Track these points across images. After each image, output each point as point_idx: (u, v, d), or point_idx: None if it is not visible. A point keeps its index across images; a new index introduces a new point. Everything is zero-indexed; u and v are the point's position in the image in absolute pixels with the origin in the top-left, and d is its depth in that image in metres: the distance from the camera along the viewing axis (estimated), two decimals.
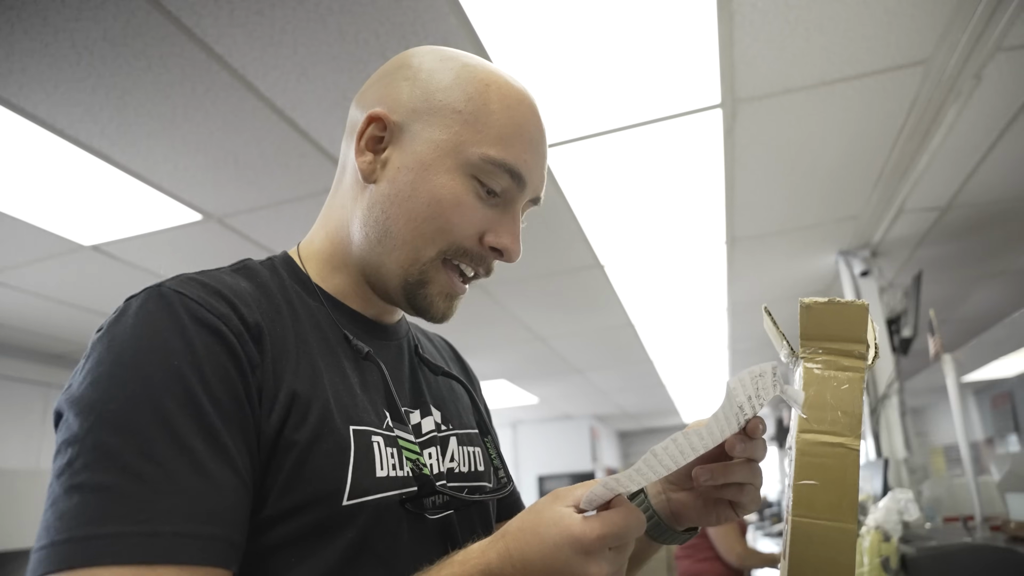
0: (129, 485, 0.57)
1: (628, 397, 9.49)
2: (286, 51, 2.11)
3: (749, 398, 0.68)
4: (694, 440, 0.65)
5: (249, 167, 2.76)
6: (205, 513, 0.59)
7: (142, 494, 0.57)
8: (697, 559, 3.59)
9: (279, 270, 0.83)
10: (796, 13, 2.09)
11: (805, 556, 0.61)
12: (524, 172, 0.79)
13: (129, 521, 0.56)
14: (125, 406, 0.60)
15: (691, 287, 4.75)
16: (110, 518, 0.56)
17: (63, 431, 0.61)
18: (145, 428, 0.59)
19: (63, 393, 0.64)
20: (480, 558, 0.63)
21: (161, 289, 0.67)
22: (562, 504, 0.63)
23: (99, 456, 0.58)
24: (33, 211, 2.94)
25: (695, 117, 2.61)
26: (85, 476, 0.57)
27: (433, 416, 0.89)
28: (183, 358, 0.63)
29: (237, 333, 0.67)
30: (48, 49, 2.01)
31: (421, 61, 0.81)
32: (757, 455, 0.76)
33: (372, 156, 0.80)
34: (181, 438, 0.60)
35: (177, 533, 0.57)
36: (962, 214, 3.71)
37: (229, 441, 0.63)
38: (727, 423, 0.68)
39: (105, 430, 0.59)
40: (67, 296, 3.97)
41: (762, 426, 0.73)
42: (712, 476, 0.77)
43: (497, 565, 0.62)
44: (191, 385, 0.62)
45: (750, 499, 0.79)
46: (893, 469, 3.63)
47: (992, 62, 2.34)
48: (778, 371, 0.70)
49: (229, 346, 0.66)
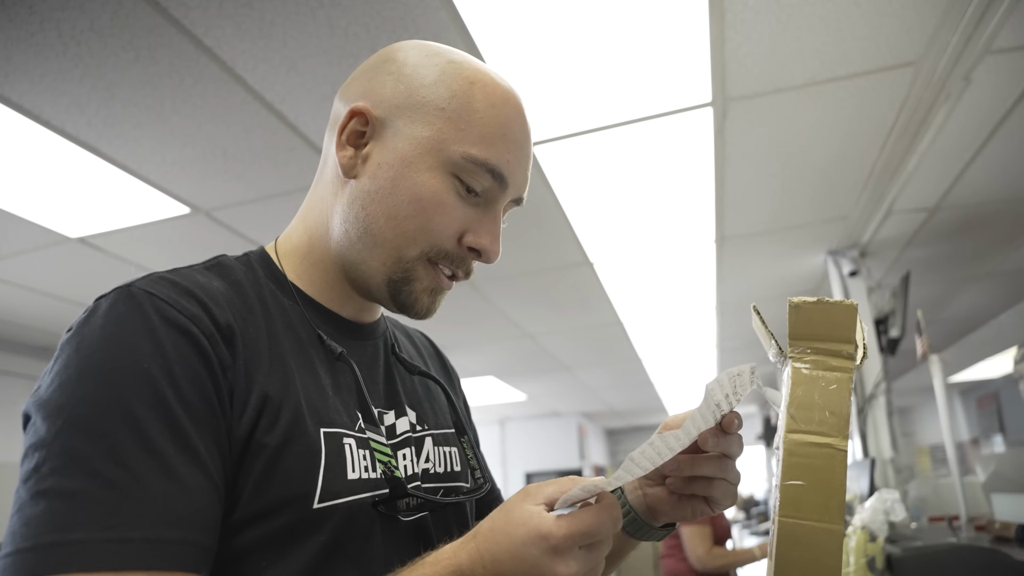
0: (97, 490, 0.56)
1: (616, 395, 9.51)
2: (276, 44, 2.10)
3: (727, 396, 0.70)
4: (671, 441, 0.66)
5: (238, 160, 2.74)
6: (175, 517, 0.58)
7: (111, 499, 0.56)
8: (680, 558, 3.61)
9: (254, 267, 0.82)
10: (787, 13, 2.09)
11: (791, 557, 0.61)
12: (506, 172, 0.78)
13: (98, 527, 0.55)
14: (93, 410, 0.59)
15: (680, 285, 4.76)
16: (78, 524, 0.54)
17: (30, 435, 0.60)
18: (114, 432, 0.58)
19: (31, 395, 0.62)
20: (451, 559, 0.63)
21: (131, 289, 0.66)
22: (532, 502, 0.62)
23: (66, 461, 0.57)
24: (19, 202, 2.91)
25: (686, 115, 2.61)
26: (52, 481, 0.56)
27: (408, 416, 0.88)
28: (152, 360, 0.62)
29: (208, 334, 0.66)
30: (34, 39, 1.98)
31: (406, 56, 0.80)
32: (731, 451, 0.76)
33: (353, 151, 0.79)
34: (150, 442, 0.59)
35: (146, 539, 0.56)
36: (950, 215, 3.73)
37: (200, 444, 0.62)
38: (703, 421, 0.70)
39: (73, 434, 0.58)
40: (53, 288, 3.94)
41: (737, 421, 0.74)
42: (678, 467, 0.78)
43: (468, 566, 0.62)
44: (161, 388, 0.61)
45: (721, 494, 0.79)
46: (879, 469, 3.65)
47: (982, 64, 2.35)
48: (756, 371, 0.70)
49: (200, 348, 0.65)
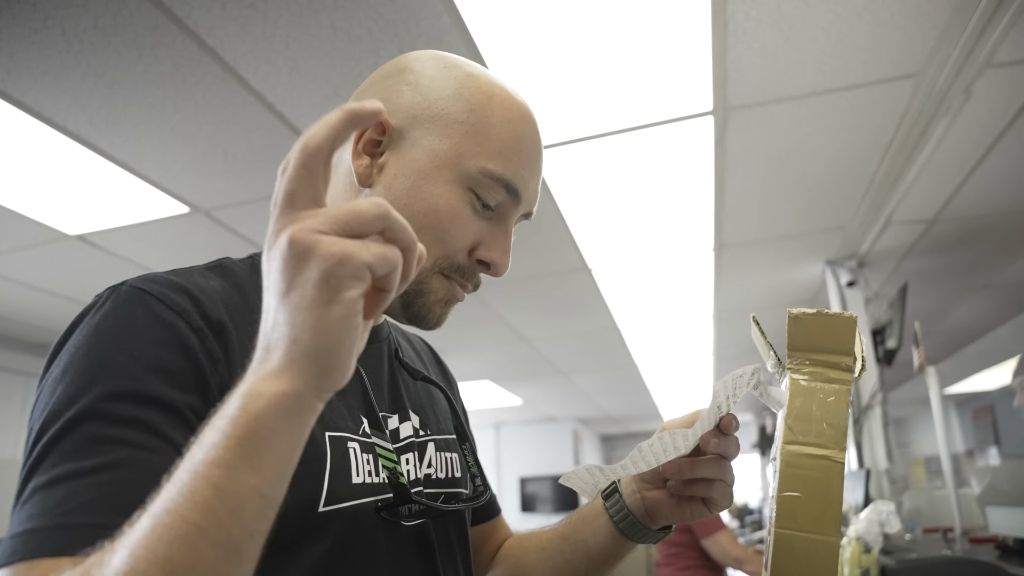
0: (68, 482, 0.56)
1: (612, 401, 9.51)
2: (278, 45, 2.10)
3: (728, 398, 0.71)
4: (678, 439, 0.68)
5: (238, 161, 2.74)
6: (129, 504, 0.55)
7: (69, 489, 0.56)
8: (678, 567, 3.57)
9: (259, 269, 0.81)
10: (789, 23, 2.10)
11: (787, 568, 0.61)
12: (520, 188, 0.79)
13: (50, 516, 0.54)
14: (70, 405, 0.59)
15: (678, 293, 4.76)
16: (50, 513, 0.54)
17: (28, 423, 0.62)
18: (86, 426, 0.58)
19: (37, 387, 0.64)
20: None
21: (123, 287, 0.67)
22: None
23: (48, 454, 0.57)
24: (18, 199, 2.91)
25: (686, 123, 2.62)
26: (35, 473, 0.57)
27: (411, 421, 0.88)
28: (131, 355, 0.62)
29: (196, 328, 0.66)
30: (37, 36, 1.98)
31: (423, 67, 0.80)
32: (729, 452, 0.78)
33: (369, 160, 0.79)
34: (119, 434, 0.58)
35: (94, 524, 0.53)
36: (949, 227, 3.74)
37: (175, 436, 0.60)
38: (709, 423, 0.73)
39: (54, 429, 0.58)
40: (51, 285, 3.93)
41: (735, 423, 0.76)
42: (679, 471, 0.79)
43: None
44: (136, 378, 0.61)
45: (720, 495, 0.81)
46: (875, 480, 3.65)
47: (982, 77, 2.35)
48: (758, 373, 0.71)
49: (184, 341, 0.65)
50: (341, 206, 0.46)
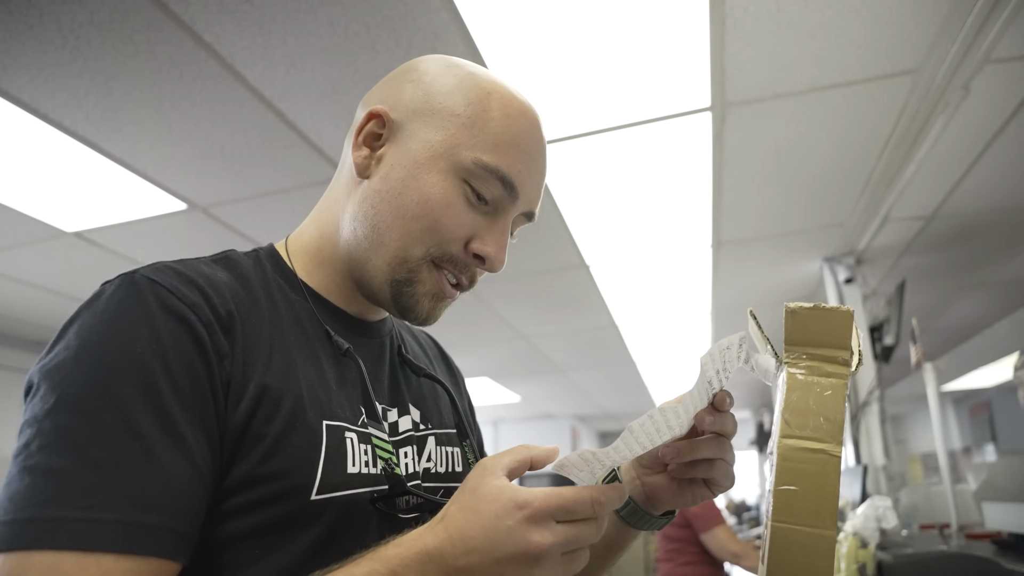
0: (78, 470, 0.57)
1: (610, 398, 9.51)
2: (275, 41, 2.09)
3: (717, 372, 0.70)
4: (669, 417, 0.67)
5: (235, 157, 2.74)
6: (152, 502, 0.59)
7: (89, 480, 0.57)
8: (679, 563, 3.57)
9: (263, 262, 0.83)
10: (787, 19, 2.09)
11: (783, 562, 0.61)
12: (517, 182, 0.79)
13: (72, 506, 0.55)
14: (83, 391, 0.60)
15: (676, 289, 4.76)
16: (53, 502, 0.55)
17: (27, 410, 0.62)
18: (100, 414, 0.59)
19: (35, 364, 0.64)
20: (417, 541, 0.62)
21: (134, 276, 0.67)
22: (495, 477, 0.62)
23: (53, 439, 0.58)
24: (15, 196, 2.90)
25: (684, 119, 2.62)
26: (38, 458, 0.57)
27: (411, 415, 0.88)
28: (146, 345, 0.62)
29: (206, 322, 0.67)
30: (33, 31, 1.98)
31: (428, 66, 0.82)
32: (726, 429, 0.77)
33: (368, 151, 0.80)
34: (135, 425, 0.60)
35: (120, 521, 0.56)
36: (946, 224, 3.74)
37: (187, 430, 0.62)
38: (700, 399, 0.71)
39: (62, 414, 0.59)
40: (48, 283, 3.93)
41: (729, 399, 0.75)
42: (678, 454, 0.78)
43: (436, 546, 0.61)
44: (152, 373, 0.62)
45: (722, 474, 0.79)
46: (871, 476, 3.66)
47: (981, 74, 2.35)
48: (745, 343, 0.71)
49: (196, 335, 0.66)
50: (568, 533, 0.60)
